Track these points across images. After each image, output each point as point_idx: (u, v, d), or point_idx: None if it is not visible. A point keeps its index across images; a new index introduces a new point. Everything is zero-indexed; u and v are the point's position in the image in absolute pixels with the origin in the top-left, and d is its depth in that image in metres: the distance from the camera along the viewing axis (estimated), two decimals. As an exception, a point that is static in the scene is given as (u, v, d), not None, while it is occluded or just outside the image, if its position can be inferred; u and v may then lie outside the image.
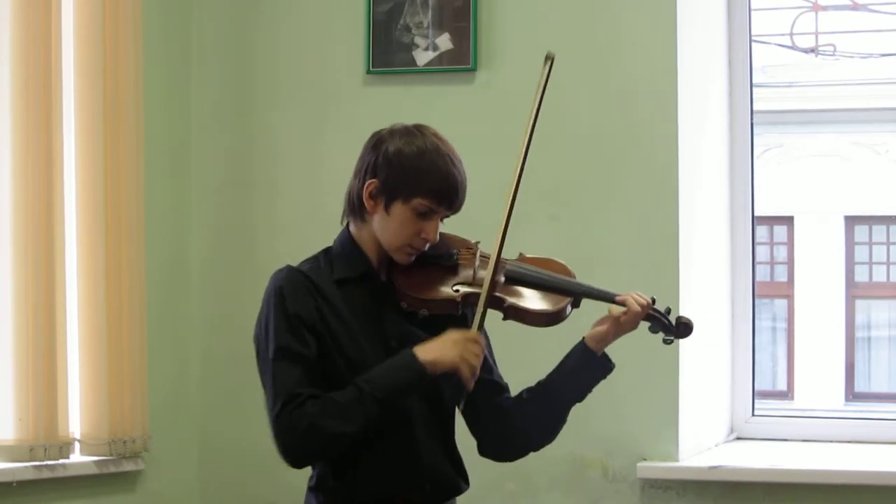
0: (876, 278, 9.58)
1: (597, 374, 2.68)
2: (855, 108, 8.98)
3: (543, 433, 2.72)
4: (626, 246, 3.83)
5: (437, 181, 2.55)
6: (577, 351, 2.67)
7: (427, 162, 2.56)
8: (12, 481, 3.57)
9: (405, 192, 2.56)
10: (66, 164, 3.71)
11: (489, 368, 2.72)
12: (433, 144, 2.58)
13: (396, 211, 2.57)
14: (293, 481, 4.10)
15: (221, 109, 4.20)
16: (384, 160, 2.58)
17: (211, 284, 4.19)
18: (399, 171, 2.56)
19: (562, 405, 2.68)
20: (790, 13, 8.43)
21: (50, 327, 3.61)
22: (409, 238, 2.58)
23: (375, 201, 2.59)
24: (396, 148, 2.58)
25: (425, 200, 2.56)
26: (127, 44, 3.82)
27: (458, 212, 2.61)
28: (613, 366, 2.69)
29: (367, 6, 4.04)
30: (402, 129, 2.63)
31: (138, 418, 3.85)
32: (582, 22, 3.91)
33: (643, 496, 3.81)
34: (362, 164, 2.64)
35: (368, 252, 2.64)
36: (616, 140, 3.88)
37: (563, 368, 2.68)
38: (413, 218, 2.57)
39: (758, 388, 4.22)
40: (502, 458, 2.77)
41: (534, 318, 2.61)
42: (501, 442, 2.73)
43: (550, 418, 2.70)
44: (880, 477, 3.66)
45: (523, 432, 2.71)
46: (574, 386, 2.67)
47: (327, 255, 2.68)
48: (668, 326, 2.68)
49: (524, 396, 2.71)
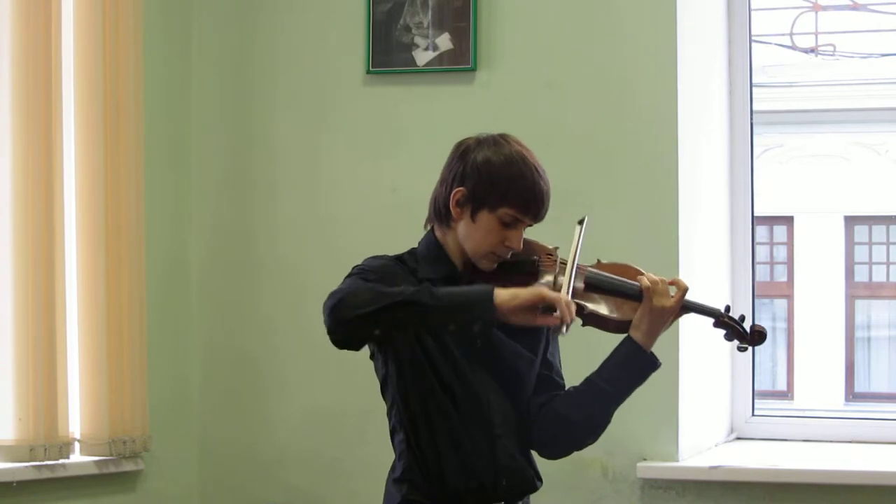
0: (876, 278, 9.58)
1: (640, 371, 2.69)
2: (855, 108, 8.98)
3: (586, 428, 2.73)
4: (626, 246, 3.82)
5: (524, 192, 2.60)
6: (623, 345, 2.69)
7: (514, 172, 2.60)
8: (12, 481, 3.58)
9: (492, 201, 2.60)
10: (66, 164, 3.71)
11: (549, 365, 2.77)
12: (520, 155, 2.62)
13: (482, 219, 2.61)
14: (293, 481, 4.12)
15: (221, 109, 4.20)
16: (472, 169, 2.62)
17: (211, 284, 4.19)
18: (486, 181, 2.60)
19: (605, 400, 2.70)
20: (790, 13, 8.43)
21: (50, 327, 3.61)
22: (494, 246, 2.62)
23: (462, 209, 2.63)
24: (484, 157, 2.62)
25: (511, 210, 2.60)
26: (127, 44, 3.82)
27: (541, 221, 2.65)
28: (659, 364, 2.70)
29: (367, 6, 4.04)
30: (488, 138, 2.66)
31: (138, 418, 3.85)
32: (582, 22, 3.91)
33: (643, 496, 3.81)
34: (449, 172, 2.67)
35: (454, 257, 2.69)
36: (616, 140, 3.88)
37: (607, 363, 2.71)
38: (498, 227, 2.61)
39: (758, 388, 4.22)
40: (547, 452, 2.79)
41: (613, 326, 2.65)
42: (546, 435, 2.75)
43: (593, 413, 2.71)
44: (880, 477, 3.66)
45: (567, 426, 2.72)
46: (617, 382, 2.69)
47: (413, 256, 2.72)
48: (743, 334, 2.70)
49: (571, 392, 2.75)
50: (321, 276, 4.03)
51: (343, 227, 4.08)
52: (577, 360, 2.82)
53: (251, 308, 4.18)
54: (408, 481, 2.67)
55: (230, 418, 4.18)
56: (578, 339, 2.67)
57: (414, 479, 2.66)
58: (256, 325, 4.16)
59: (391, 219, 3.95)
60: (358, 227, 4.05)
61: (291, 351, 4.11)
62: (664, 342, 2.83)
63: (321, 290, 4.04)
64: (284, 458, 4.10)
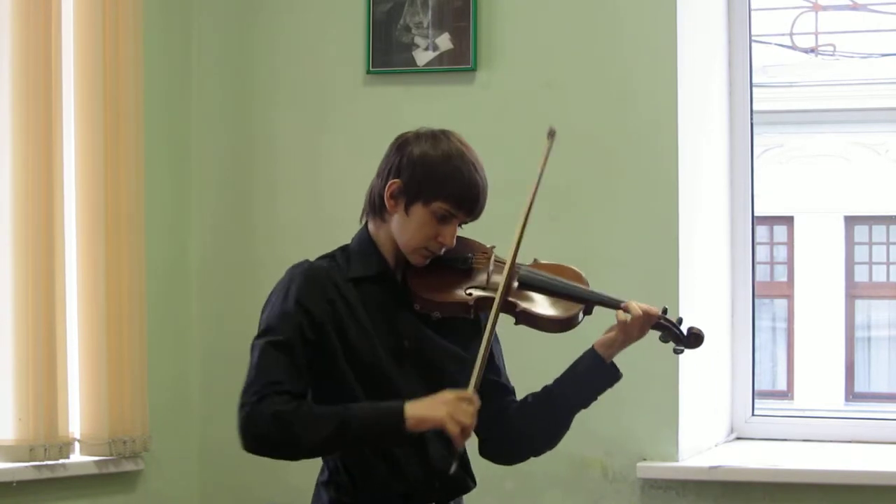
0: (876, 278, 9.58)
1: (603, 383, 2.68)
2: (855, 108, 8.97)
3: (545, 438, 2.73)
4: (626, 246, 3.83)
5: (459, 186, 2.58)
6: (586, 358, 2.68)
7: (450, 167, 2.58)
8: (12, 481, 3.58)
9: (426, 194, 2.58)
10: (66, 164, 3.72)
11: (497, 370, 2.74)
12: (458, 150, 2.61)
13: (416, 213, 2.60)
14: (293, 481, 4.11)
15: (221, 109, 4.20)
16: (408, 161, 2.61)
17: (211, 284, 4.19)
18: (421, 174, 2.59)
19: (566, 411, 2.69)
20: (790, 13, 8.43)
21: (50, 327, 3.61)
22: (426, 241, 2.60)
23: (396, 201, 2.62)
24: (421, 151, 2.61)
25: (445, 204, 2.58)
26: (127, 44, 3.82)
27: (477, 219, 2.63)
28: (620, 375, 2.69)
29: (367, 6, 4.05)
30: (428, 132, 2.65)
31: (138, 418, 3.85)
32: (582, 22, 3.91)
33: (643, 496, 3.81)
34: (386, 164, 2.66)
35: (385, 252, 2.66)
36: (616, 140, 3.88)
37: (570, 374, 2.69)
38: (431, 221, 2.59)
39: (758, 388, 4.22)
40: (503, 460, 2.79)
41: (545, 324, 2.62)
42: (503, 444, 2.74)
43: (553, 424, 2.70)
44: (880, 477, 3.66)
45: (526, 436, 2.72)
46: (580, 392, 2.68)
47: (344, 253, 2.72)
48: (679, 336, 2.67)
49: (529, 400, 2.72)
50: (321, 276, 4.06)
51: (343, 227, 4.04)
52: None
53: (251, 308, 4.15)
54: (335, 483, 2.64)
55: (230, 418, 4.13)
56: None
57: (341, 482, 2.63)
58: (256, 325, 4.15)
59: (391, 219, 3.95)
60: (358, 228, 4.04)
61: (291, 351, 4.10)
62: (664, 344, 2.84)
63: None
64: (284, 458, 4.10)
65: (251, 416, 2.58)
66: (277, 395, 2.54)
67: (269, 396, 2.56)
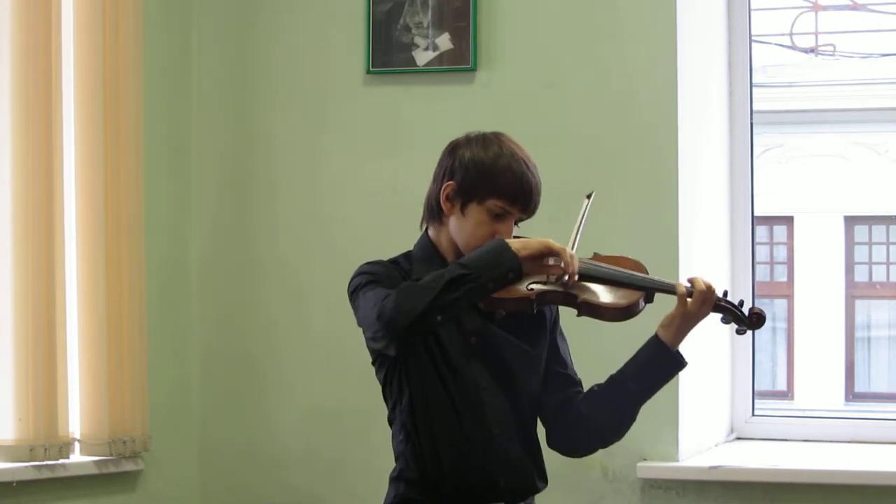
0: (876, 278, 9.57)
1: (666, 371, 2.70)
2: (855, 108, 8.96)
3: (612, 428, 2.76)
4: (627, 246, 3.80)
5: (511, 183, 2.62)
6: (649, 345, 2.70)
7: (502, 164, 2.63)
8: (12, 481, 3.58)
9: (480, 193, 2.62)
10: (66, 164, 3.72)
11: (563, 363, 2.78)
12: (508, 149, 2.66)
13: (472, 212, 2.64)
14: (293, 481, 4.12)
15: (221, 109, 4.20)
16: (460, 163, 2.65)
17: (211, 284, 4.19)
18: (475, 173, 2.63)
19: (631, 401, 2.72)
20: (790, 13, 8.42)
21: (50, 327, 3.61)
22: (484, 239, 2.62)
23: (452, 203, 2.66)
24: (473, 152, 2.66)
25: (499, 201, 2.62)
26: (127, 44, 3.82)
27: (532, 215, 2.68)
28: (685, 363, 2.71)
29: (367, 6, 4.04)
30: (479, 135, 2.70)
31: (138, 418, 3.85)
32: (582, 22, 3.91)
33: (643, 496, 3.81)
34: (440, 169, 2.70)
35: (447, 255, 2.70)
36: (616, 140, 3.88)
37: (632, 363, 2.72)
38: (488, 219, 2.63)
39: (758, 388, 4.22)
40: (570, 452, 2.81)
41: (606, 313, 2.64)
42: (571, 435, 2.76)
43: (619, 413, 2.73)
44: (880, 477, 3.66)
45: (593, 426, 2.74)
46: (643, 381, 2.70)
47: (407, 259, 2.74)
48: (741, 317, 2.70)
49: (595, 390, 2.75)
50: (321, 276, 4.07)
51: (343, 227, 4.08)
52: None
53: (251, 308, 4.18)
54: (405, 480, 2.68)
55: (230, 418, 4.18)
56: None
57: (410, 477, 2.67)
58: (256, 325, 4.16)
59: (391, 219, 3.95)
60: (358, 227, 4.05)
61: (292, 351, 4.11)
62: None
63: (321, 290, 4.08)
64: (284, 458, 4.10)
65: (386, 308, 2.49)
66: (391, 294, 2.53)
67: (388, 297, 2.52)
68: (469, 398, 2.65)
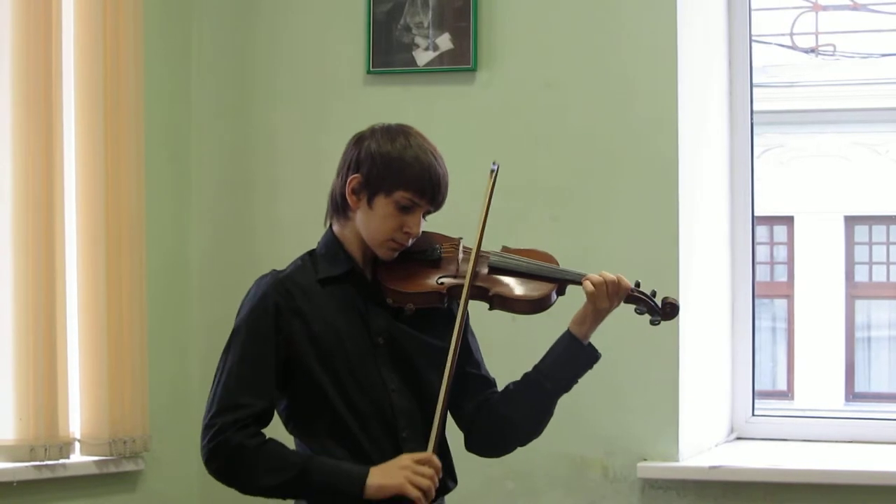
0: (876, 278, 9.58)
1: (581, 364, 2.67)
2: (855, 108, 8.98)
3: (530, 427, 2.71)
4: (627, 246, 3.83)
5: (419, 174, 2.58)
6: (562, 340, 2.67)
7: (409, 156, 2.59)
8: (12, 481, 3.58)
9: (387, 185, 2.59)
10: (66, 163, 3.72)
11: (476, 363, 2.74)
12: (416, 141, 2.62)
13: (379, 205, 2.60)
14: (293, 481, 4.10)
15: (222, 109, 4.20)
16: (366, 155, 2.61)
17: (211, 284, 4.19)
18: (381, 165, 2.59)
19: (547, 396, 2.68)
20: (790, 13, 8.43)
21: (50, 327, 3.61)
22: (392, 232, 2.60)
23: (358, 196, 2.62)
24: (379, 144, 2.62)
25: (407, 193, 2.58)
26: (127, 44, 3.82)
27: (440, 207, 2.64)
28: (599, 356, 2.68)
29: (367, 6, 4.05)
30: (383, 127, 2.66)
31: (138, 418, 3.85)
32: (582, 22, 3.91)
33: (643, 496, 3.81)
34: (344, 162, 2.67)
35: (352, 251, 2.66)
36: (616, 140, 3.88)
37: (547, 359, 2.68)
38: (395, 212, 2.59)
39: (758, 388, 4.22)
40: (489, 453, 2.77)
41: (519, 306, 2.63)
42: (489, 436, 2.73)
43: (536, 410, 2.69)
44: (880, 477, 3.66)
45: (510, 425, 2.70)
46: (558, 376, 2.66)
47: (311, 257, 2.71)
48: (654, 308, 2.67)
49: (510, 388, 2.71)
50: (321, 276, 4.06)
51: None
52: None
53: (251, 308, 4.17)
54: None
55: (230, 418, 4.17)
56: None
57: None
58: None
59: (391, 219, 3.95)
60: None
61: (291, 351, 4.10)
62: (664, 344, 2.85)
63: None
64: (284, 458, 4.10)
65: (216, 448, 2.59)
66: (242, 430, 2.56)
67: (237, 431, 2.56)
68: (375, 408, 2.60)
